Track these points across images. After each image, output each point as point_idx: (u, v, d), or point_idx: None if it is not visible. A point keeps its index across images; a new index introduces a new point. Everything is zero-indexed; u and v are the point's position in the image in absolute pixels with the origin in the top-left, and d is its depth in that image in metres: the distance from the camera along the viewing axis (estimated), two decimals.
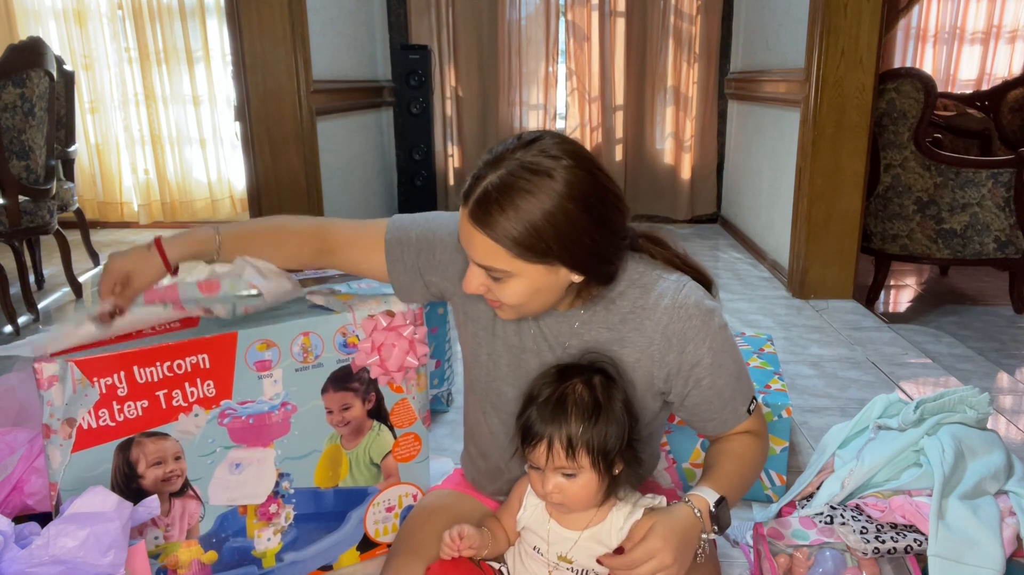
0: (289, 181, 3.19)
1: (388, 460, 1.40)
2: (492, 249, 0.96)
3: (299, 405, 1.28)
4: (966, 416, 1.34)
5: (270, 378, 1.24)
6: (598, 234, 0.97)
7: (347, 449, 1.35)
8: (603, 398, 1.01)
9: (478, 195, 0.95)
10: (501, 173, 0.94)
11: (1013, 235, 3.09)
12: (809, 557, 1.18)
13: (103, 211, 5.11)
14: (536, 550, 1.08)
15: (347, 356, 1.30)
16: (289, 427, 1.27)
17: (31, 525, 1.07)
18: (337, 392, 1.31)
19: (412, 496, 1.45)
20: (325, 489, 1.34)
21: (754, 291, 3.27)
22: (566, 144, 0.98)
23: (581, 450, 0.98)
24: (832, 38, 2.88)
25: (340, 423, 1.33)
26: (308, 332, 1.26)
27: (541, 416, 1.00)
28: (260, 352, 1.22)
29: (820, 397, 2.19)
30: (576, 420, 0.98)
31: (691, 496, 1.03)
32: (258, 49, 3.04)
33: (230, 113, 4.84)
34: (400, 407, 1.38)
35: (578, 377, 1.02)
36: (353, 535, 1.40)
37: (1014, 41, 5.05)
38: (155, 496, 1.15)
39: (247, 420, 1.23)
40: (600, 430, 0.99)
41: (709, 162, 4.74)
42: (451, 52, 4.60)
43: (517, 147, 0.97)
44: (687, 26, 4.52)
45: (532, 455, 1.01)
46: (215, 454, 1.22)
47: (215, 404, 1.20)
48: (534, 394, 1.03)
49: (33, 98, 2.88)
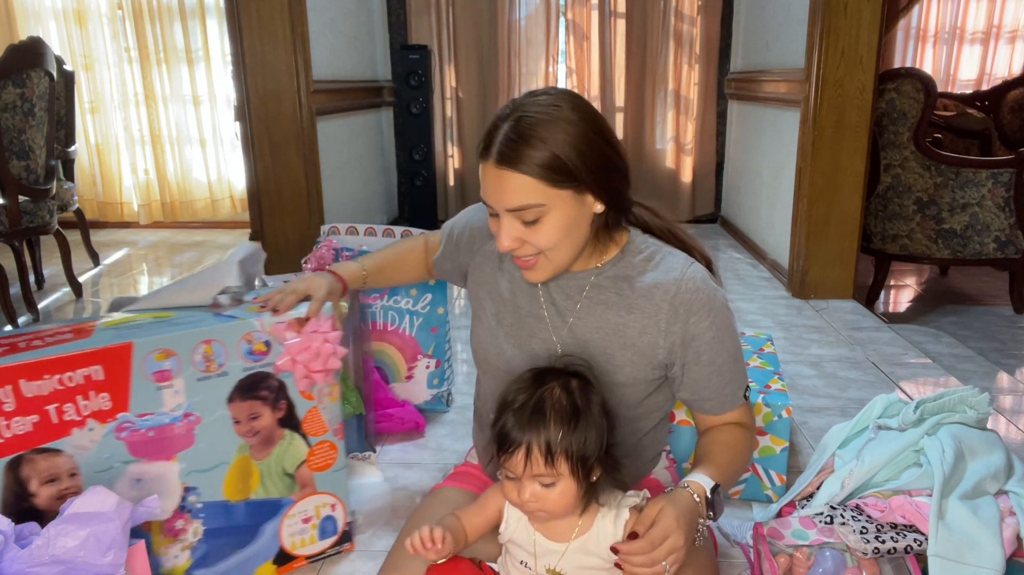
0: (289, 181, 3.19)
1: (303, 470, 1.36)
2: (524, 184, 1.01)
3: (203, 416, 1.23)
4: (966, 416, 1.34)
5: (170, 389, 1.19)
6: (611, 153, 1.06)
7: (257, 460, 1.30)
8: (581, 402, 0.99)
9: (501, 139, 1.02)
10: (518, 115, 1.02)
11: (1013, 235, 3.09)
12: (809, 557, 1.18)
13: (103, 211, 5.10)
14: (524, 564, 1.06)
15: (254, 364, 1.26)
16: (193, 439, 1.23)
17: (31, 525, 1.07)
18: (244, 401, 1.26)
19: (331, 506, 1.40)
20: (235, 502, 1.30)
21: (754, 291, 3.27)
22: (566, 92, 1.07)
23: (560, 457, 0.96)
24: (832, 38, 2.88)
25: (249, 433, 1.28)
26: (210, 340, 1.21)
27: (518, 422, 0.97)
28: (158, 362, 1.18)
29: (820, 397, 2.19)
30: (555, 425, 0.96)
31: (688, 482, 1.04)
32: (258, 49, 3.04)
33: (230, 113, 4.84)
34: (312, 415, 1.34)
35: (554, 381, 1.01)
36: (268, 549, 1.35)
37: (1014, 41, 5.05)
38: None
39: (147, 433, 1.19)
40: (580, 435, 0.97)
41: (709, 162, 4.74)
42: (451, 52, 4.60)
43: (525, 97, 1.06)
44: (687, 26, 4.52)
45: (509, 463, 0.98)
46: (113, 469, 1.17)
47: (111, 417, 1.15)
48: (509, 400, 1.01)
49: (33, 98, 2.88)
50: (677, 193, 4.78)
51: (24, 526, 1.06)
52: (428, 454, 1.89)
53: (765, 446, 1.59)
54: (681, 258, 1.14)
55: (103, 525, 1.02)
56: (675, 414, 1.60)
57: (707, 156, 4.73)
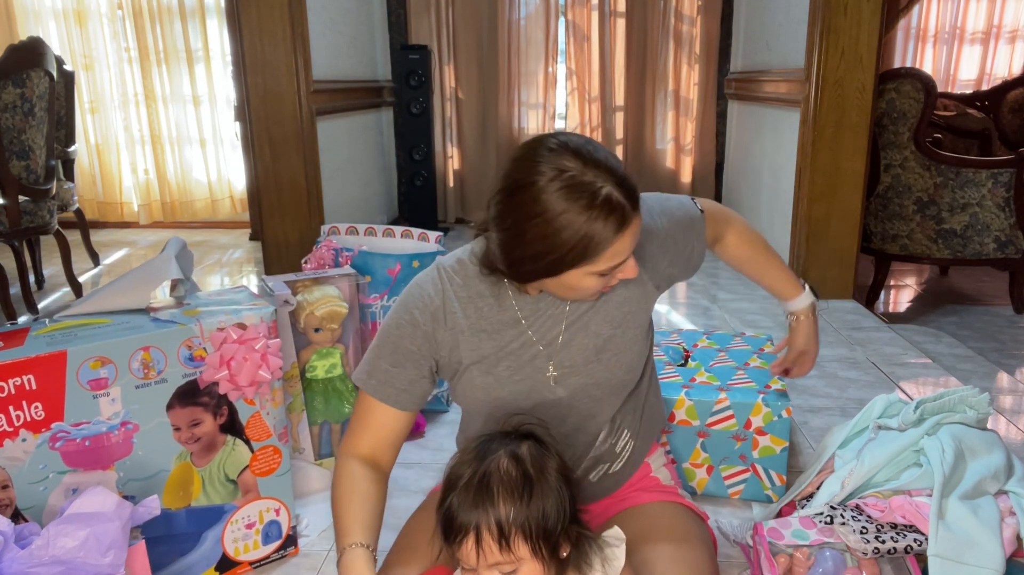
0: (289, 181, 3.19)
1: (246, 475, 1.34)
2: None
3: (141, 424, 1.22)
4: (966, 416, 1.34)
5: (107, 397, 1.17)
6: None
7: (198, 467, 1.29)
8: (534, 469, 0.88)
9: (630, 190, 0.94)
10: (619, 175, 0.94)
11: (1013, 235, 3.09)
12: (809, 557, 1.18)
13: (103, 211, 5.10)
14: None
15: (194, 370, 1.24)
16: (131, 447, 1.21)
17: (31, 525, 1.07)
18: (185, 408, 1.25)
19: (275, 511, 1.39)
20: (176, 510, 1.28)
21: (754, 291, 3.27)
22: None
23: (517, 538, 0.84)
24: (832, 38, 2.88)
25: (189, 440, 1.27)
26: (148, 347, 1.19)
27: (462, 504, 0.85)
28: (94, 370, 1.15)
29: (820, 397, 2.19)
30: (504, 502, 0.84)
31: (794, 311, 1.43)
32: (258, 49, 3.04)
33: (230, 113, 4.84)
34: (255, 420, 1.33)
35: (501, 449, 0.89)
36: (210, 556, 1.34)
37: (1014, 41, 5.05)
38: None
39: (82, 443, 1.17)
40: (535, 508, 0.85)
41: (709, 162, 4.74)
42: (451, 52, 4.60)
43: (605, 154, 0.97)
44: (687, 26, 4.52)
45: (460, 553, 0.86)
46: (48, 480, 1.15)
47: (45, 427, 1.13)
48: (452, 478, 0.90)
49: (33, 98, 2.88)
50: (677, 193, 4.77)
51: (24, 526, 1.06)
52: (428, 454, 1.89)
53: (765, 446, 1.59)
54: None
55: (103, 525, 1.02)
56: (675, 414, 1.60)
57: (707, 156, 4.73)
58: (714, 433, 1.60)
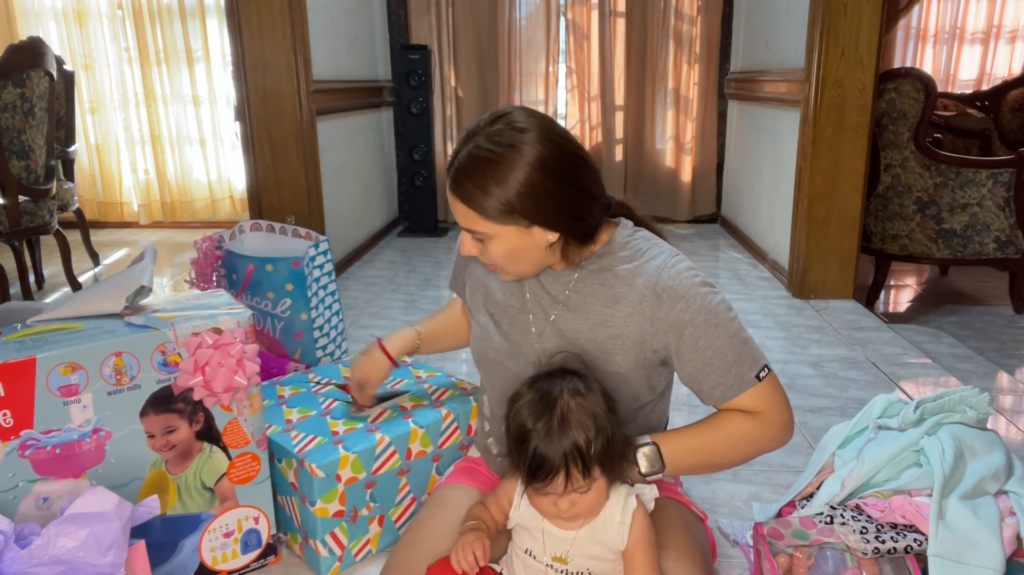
0: (289, 181, 3.19)
1: (223, 483, 1.31)
2: (468, 214, 1.07)
3: (114, 431, 1.19)
4: (966, 416, 1.34)
5: (78, 404, 1.15)
6: (563, 194, 1.06)
7: (174, 474, 1.26)
8: (593, 403, 1.00)
9: (453, 169, 1.06)
10: (469, 147, 1.05)
11: (1013, 235, 3.09)
12: (809, 557, 1.18)
13: (103, 211, 5.10)
14: (528, 552, 1.06)
15: (168, 376, 1.22)
16: (104, 455, 1.19)
17: (31, 525, 1.07)
18: (159, 415, 1.23)
19: (253, 519, 1.36)
20: (151, 519, 1.24)
21: (754, 291, 3.27)
22: (531, 117, 1.07)
23: (595, 466, 0.98)
24: (832, 38, 2.88)
25: (164, 447, 1.24)
26: (121, 352, 1.17)
27: (547, 448, 0.97)
28: (64, 376, 1.13)
29: (820, 397, 2.19)
30: (585, 440, 0.97)
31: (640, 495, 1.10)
32: (258, 49, 3.04)
33: (230, 113, 4.83)
34: (232, 427, 1.30)
35: (561, 392, 1.00)
36: (187, 565, 1.31)
37: (1014, 41, 5.05)
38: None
39: (53, 450, 1.14)
40: (603, 437, 0.98)
41: (709, 162, 4.74)
42: (451, 52, 4.60)
43: (486, 123, 1.07)
44: (687, 26, 4.52)
45: (549, 487, 0.98)
46: (17, 488, 1.13)
47: (14, 435, 1.11)
48: (527, 427, 0.99)
49: (33, 98, 2.88)
50: (677, 193, 4.78)
51: (24, 526, 1.06)
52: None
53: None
54: (666, 248, 1.15)
55: (103, 525, 1.02)
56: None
57: (707, 156, 4.73)
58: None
